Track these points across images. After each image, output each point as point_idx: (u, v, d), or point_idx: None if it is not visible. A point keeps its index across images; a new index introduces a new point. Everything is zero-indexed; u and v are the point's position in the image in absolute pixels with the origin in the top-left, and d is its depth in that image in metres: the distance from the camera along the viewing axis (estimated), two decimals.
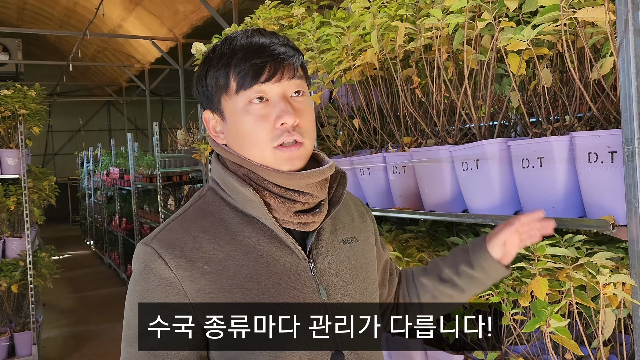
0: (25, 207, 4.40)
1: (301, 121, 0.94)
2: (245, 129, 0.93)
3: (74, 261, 9.95)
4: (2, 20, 13.25)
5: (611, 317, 1.27)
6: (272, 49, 0.92)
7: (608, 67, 1.24)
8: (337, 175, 1.02)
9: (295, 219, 0.95)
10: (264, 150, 0.93)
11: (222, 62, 0.93)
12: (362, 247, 1.07)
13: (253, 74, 0.91)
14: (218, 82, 0.95)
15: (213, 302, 0.89)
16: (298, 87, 0.95)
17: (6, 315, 4.52)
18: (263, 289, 0.91)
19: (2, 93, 4.25)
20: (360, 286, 1.02)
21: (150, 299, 0.90)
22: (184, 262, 0.90)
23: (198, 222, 0.95)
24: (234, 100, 0.94)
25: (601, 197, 1.19)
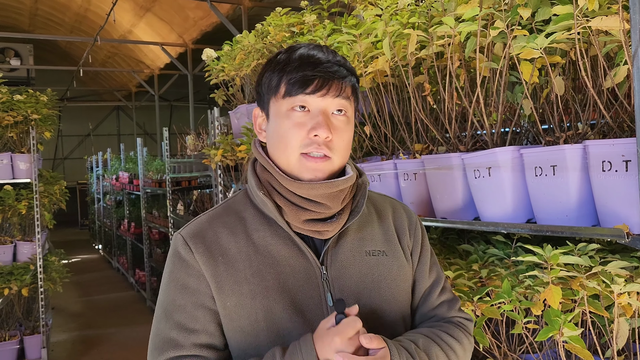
0: (36, 211, 4.44)
1: (335, 138, 0.98)
2: (281, 131, 0.99)
3: (83, 265, 10.00)
4: (14, 26, 13.40)
5: (625, 326, 1.26)
6: (325, 65, 0.98)
7: (622, 76, 1.23)
8: (362, 186, 1.05)
9: (307, 226, 0.99)
10: (291, 155, 0.98)
11: (279, 67, 1.00)
12: (390, 262, 1.06)
13: (301, 83, 0.97)
14: (271, 83, 1.02)
15: (224, 288, 0.97)
16: (340, 106, 0.99)
17: (16, 319, 4.56)
18: (268, 286, 0.97)
19: (15, 98, 4.29)
20: (379, 299, 1.02)
21: (175, 279, 1.00)
22: (203, 249, 1.00)
23: (222, 219, 1.05)
24: (280, 104, 1.00)
25: (615, 205, 1.18)
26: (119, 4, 8.07)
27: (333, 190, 0.98)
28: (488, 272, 1.57)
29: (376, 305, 1.02)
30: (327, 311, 0.98)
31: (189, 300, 0.98)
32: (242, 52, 2.86)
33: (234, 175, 3.27)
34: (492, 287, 1.50)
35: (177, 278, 1.00)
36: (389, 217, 1.12)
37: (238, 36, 2.96)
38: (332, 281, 0.99)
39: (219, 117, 3.56)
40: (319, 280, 0.99)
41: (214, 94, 3.32)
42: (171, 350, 0.96)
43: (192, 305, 0.98)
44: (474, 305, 1.45)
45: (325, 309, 0.98)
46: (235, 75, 3.03)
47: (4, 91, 4.26)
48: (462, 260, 1.75)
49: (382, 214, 1.11)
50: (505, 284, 1.39)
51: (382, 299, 1.03)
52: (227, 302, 0.97)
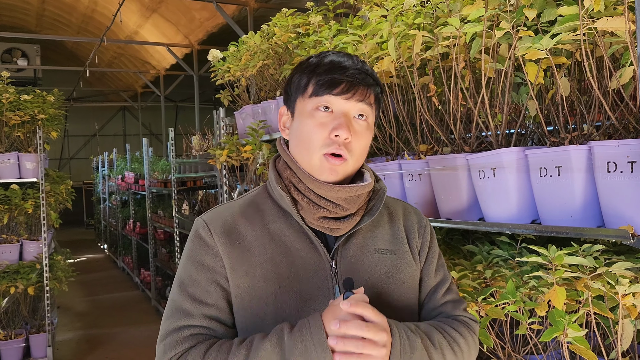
0: (43, 211, 4.46)
1: (354, 140, 1.03)
2: (304, 130, 1.04)
3: (88, 265, 10.04)
4: (22, 27, 13.49)
5: (630, 328, 1.26)
6: (353, 71, 1.03)
7: (628, 77, 1.23)
8: (379, 190, 1.10)
9: (320, 222, 1.04)
10: (314, 154, 1.03)
11: (310, 68, 1.06)
12: (399, 260, 1.10)
13: (329, 85, 1.02)
14: (300, 83, 1.07)
15: (238, 270, 1.02)
16: (362, 111, 1.04)
17: (22, 317, 4.58)
18: (280, 273, 1.02)
19: (22, 98, 4.32)
20: (387, 296, 1.06)
21: (194, 256, 1.06)
22: (222, 233, 1.05)
23: (242, 209, 1.10)
24: (305, 102, 1.05)
25: (620, 206, 1.18)
26: (125, 5, 8.11)
27: (351, 195, 1.03)
28: (492, 272, 1.57)
29: (383, 301, 1.05)
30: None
31: (203, 276, 1.03)
32: (248, 52, 2.87)
33: (239, 175, 3.28)
34: (497, 287, 1.50)
35: (195, 255, 1.05)
36: (400, 219, 1.16)
37: (244, 37, 2.97)
38: (341, 275, 1.04)
39: (224, 118, 3.57)
40: (328, 274, 1.03)
41: (220, 95, 3.34)
42: (182, 319, 1.01)
43: (207, 280, 1.03)
44: (478, 306, 1.45)
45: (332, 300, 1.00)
46: (240, 75, 3.04)
47: (11, 91, 4.29)
48: (467, 261, 1.75)
49: (393, 215, 1.16)
50: (509, 285, 1.39)
51: (390, 296, 1.06)
52: (241, 282, 1.02)
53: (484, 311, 1.44)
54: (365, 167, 1.12)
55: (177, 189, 5.68)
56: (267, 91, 2.98)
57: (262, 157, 2.74)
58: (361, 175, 1.11)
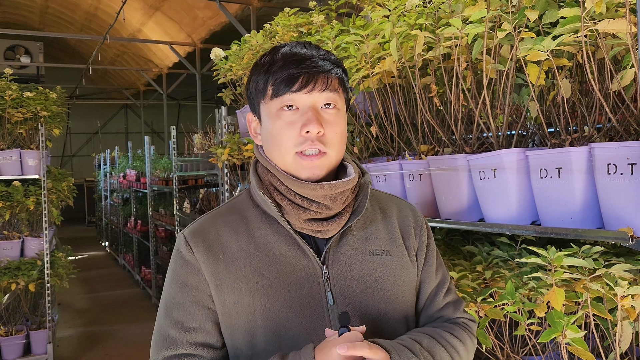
0: (44, 208, 4.47)
1: (327, 132, 0.98)
2: (273, 133, 1.00)
3: (89, 262, 10.05)
4: (25, 24, 13.51)
5: (629, 329, 1.26)
6: (310, 61, 0.98)
7: (629, 79, 1.23)
8: (364, 185, 1.05)
9: (307, 225, 0.99)
10: (286, 155, 0.98)
11: (264, 69, 1.01)
12: (394, 262, 1.05)
13: (287, 82, 0.97)
14: (258, 86, 1.02)
15: (223, 286, 0.98)
16: (329, 100, 0.99)
17: (23, 314, 4.59)
18: (268, 284, 0.98)
19: (25, 95, 4.33)
20: (382, 300, 1.02)
21: (177, 277, 1.02)
22: (203, 248, 1.01)
23: (225, 217, 1.06)
24: (269, 105, 1.01)
25: (620, 208, 1.18)
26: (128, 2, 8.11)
27: (334, 192, 0.98)
28: (492, 273, 1.58)
29: (379, 305, 1.01)
30: (328, 310, 0.98)
31: (187, 298, 1.00)
32: (250, 51, 2.87)
33: (241, 174, 3.29)
34: (496, 288, 1.50)
35: (178, 276, 1.02)
36: (394, 217, 1.11)
37: (246, 36, 2.97)
38: (333, 280, 0.99)
39: (226, 116, 3.58)
40: (319, 279, 0.99)
41: (222, 93, 3.34)
42: (168, 348, 0.98)
43: (190, 302, 1.00)
44: (478, 306, 1.46)
45: (325, 307, 0.98)
46: (243, 74, 3.04)
47: (14, 88, 4.30)
48: (466, 262, 1.75)
49: (386, 212, 1.11)
50: (509, 286, 1.39)
51: (385, 299, 1.02)
52: (226, 299, 0.98)
53: (483, 312, 1.45)
54: (348, 159, 1.07)
55: (179, 187, 5.69)
56: None
57: None
58: (345, 169, 1.06)
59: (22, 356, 4.35)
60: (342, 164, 1.06)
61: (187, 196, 5.84)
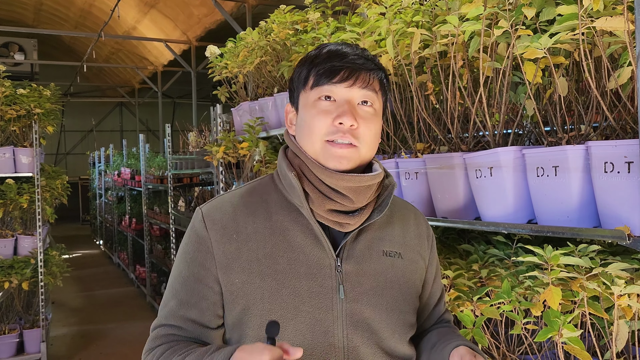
0: (38, 206, 4.44)
1: (361, 126, 0.99)
2: (307, 120, 1.01)
3: (83, 260, 10.01)
4: (19, 21, 13.42)
5: (625, 328, 1.26)
6: (352, 57, 1.00)
7: (626, 77, 1.23)
8: (389, 185, 1.07)
9: (330, 216, 1.00)
10: (316, 142, 1.00)
11: (310, 60, 1.04)
12: (404, 265, 1.08)
13: (328, 73, 0.99)
14: (300, 76, 1.05)
15: (233, 265, 0.99)
16: (367, 98, 1.01)
17: (16, 312, 4.56)
18: (279, 270, 0.99)
19: (19, 92, 4.30)
20: (390, 301, 1.03)
21: (187, 251, 1.04)
22: (218, 227, 1.02)
23: (244, 198, 1.07)
24: (308, 94, 1.03)
25: (617, 207, 1.18)
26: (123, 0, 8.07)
27: (360, 185, 0.99)
28: (488, 272, 1.57)
29: (387, 305, 1.03)
30: (337, 303, 0.98)
31: (192, 273, 1.02)
32: (246, 49, 2.86)
33: (236, 172, 3.27)
34: (492, 287, 1.50)
35: (188, 250, 1.04)
36: (411, 224, 1.14)
37: (242, 33, 2.96)
38: (345, 275, 1.00)
39: (221, 114, 3.56)
40: (332, 272, 1.00)
41: (217, 91, 3.33)
42: (164, 318, 1.03)
43: (195, 278, 1.01)
44: (474, 305, 1.45)
45: (335, 300, 0.98)
46: (238, 72, 3.03)
47: (8, 85, 4.26)
48: (462, 260, 1.74)
49: (404, 218, 1.13)
50: (505, 284, 1.39)
51: (394, 299, 1.04)
52: (236, 279, 0.99)
53: (479, 310, 1.44)
54: (375, 159, 1.08)
55: (174, 186, 5.67)
56: (264, 88, 2.97)
57: (258, 154, 2.73)
58: (371, 167, 1.07)
59: (15, 355, 4.33)
60: (369, 164, 1.08)
61: (182, 194, 5.82)
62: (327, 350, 0.97)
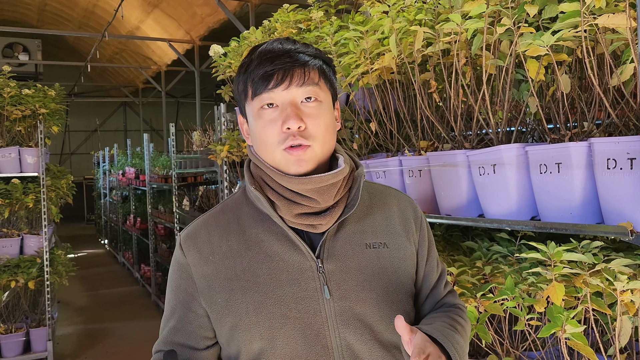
0: (43, 205, 4.47)
1: (310, 125, 0.97)
2: (258, 132, 1.00)
3: (89, 260, 10.06)
4: (23, 22, 13.47)
5: (628, 324, 1.26)
6: (284, 56, 0.96)
7: (628, 74, 1.23)
8: (357, 178, 1.04)
9: (300, 220, 0.98)
10: (274, 153, 0.98)
11: (243, 69, 1.01)
12: (391, 254, 1.05)
13: (262, 80, 0.97)
14: (239, 88, 1.03)
15: (214, 286, 1.00)
16: (309, 94, 0.98)
17: (22, 311, 4.59)
18: (259, 282, 0.98)
19: (24, 92, 4.32)
20: (379, 293, 1.01)
21: (173, 279, 1.07)
22: (195, 251, 1.04)
23: (217, 217, 1.07)
24: (251, 105, 1.01)
25: (619, 203, 1.18)
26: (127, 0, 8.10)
27: (322, 185, 0.97)
28: (491, 269, 1.58)
29: (377, 297, 1.01)
30: (324, 304, 0.97)
31: (180, 300, 1.04)
32: (249, 48, 2.86)
33: (240, 171, 3.29)
34: (496, 283, 1.50)
35: (173, 278, 1.07)
36: (393, 209, 1.10)
37: (245, 32, 2.97)
38: (328, 274, 0.98)
39: (225, 113, 3.57)
40: (314, 274, 0.98)
41: (221, 90, 3.34)
42: (161, 343, 1.06)
43: (183, 306, 1.04)
44: (477, 302, 1.46)
45: (321, 302, 0.98)
46: None
47: (13, 85, 4.29)
48: (466, 257, 1.75)
49: (385, 205, 1.10)
50: (508, 281, 1.40)
51: (384, 291, 1.01)
52: (218, 298, 1.00)
53: (482, 307, 1.45)
54: (341, 151, 1.05)
55: (178, 185, 5.69)
56: None
57: None
58: (337, 162, 1.04)
59: (22, 354, 4.36)
60: (334, 156, 1.06)
61: (187, 193, 5.83)
62: (320, 353, 0.96)
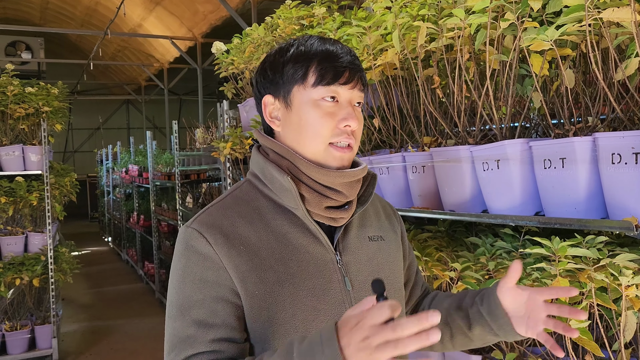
0: (47, 203, 4.48)
1: (357, 128, 1.02)
2: (309, 120, 1.00)
3: (92, 257, 10.09)
4: (26, 20, 13.49)
5: (633, 319, 1.26)
6: (350, 58, 1.02)
7: (633, 68, 1.23)
8: (368, 177, 1.10)
9: (326, 213, 1.01)
10: (320, 145, 1.00)
11: (304, 57, 1.01)
12: (388, 246, 1.13)
13: (334, 74, 0.99)
14: (296, 73, 1.01)
15: (249, 278, 0.95)
16: (360, 99, 1.04)
17: (27, 309, 4.61)
18: (292, 273, 0.98)
19: (27, 91, 4.33)
20: (387, 282, 1.08)
21: (191, 274, 0.96)
22: (223, 239, 0.97)
23: (235, 209, 1.03)
24: (308, 92, 1.00)
25: (624, 198, 1.18)
26: None
27: (353, 179, 1.02)
28: (496, 264, 1.58)
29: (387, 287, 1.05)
30: (347, 295, 1.01)
31: (207, 294, 0.95)
32: (252, 45, 2.87)
33: (243, 168, 3.29)
34: (500, 279, 1.50)
35: (192, 272, 0.96)
36: (378, 205, 1.19)
37: (248, 29, 2.96)
38: (346, 266, 1.03)
39: (228, 110, 3.57)
40: (335, 266, 1.02)
41: (224, 87, 3.34)
42: (189, 348, 0.93)
43: (212, 299, 0.95)
44: None
45: (344, 293, 1.01)
46: (244, 68, 3.04)
47: (16, 84, 4.30)
48: (470, 253, 1.75)
49: (372, 202, 1.17)
50: None
51: (387, 281, 1.09)
52: (255, 290, 0.95)
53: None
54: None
55: (181, 182, 5.70)
56: None
57: None
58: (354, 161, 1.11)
59: (27, 351, 4.38)
60: None
61: (190, 191, 5.84)
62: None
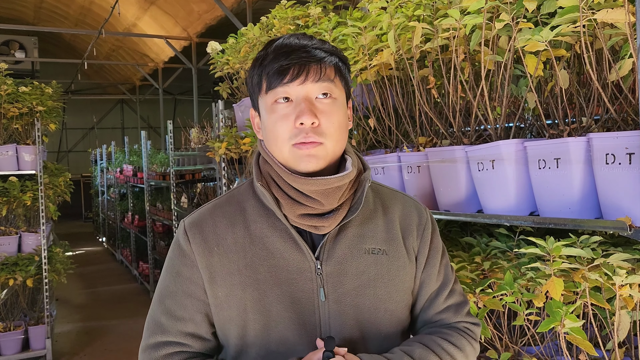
0: (41, 203, 4.46)
1: (323, 122, 0.96)
2: (269, 126, 0.99)
3: (87, 257, 10.05)
4: (19, 19, 13.42)
5: (626, 319, 1.27)
6: (301, 51, 0.96)
7: (627, 69, 1.24)
8: (363, 182, 1.02)
9: (303, 220, 0.98)
10: (283, 147, 0.97)
11: (258, 63, 1.00)
12: (389, 261, 1.03)
13: (278, 74, 0.96)
14: (253, 81, 1.02)
15: (216, 278, 1.00)
16: (324, 90, 0.97)
17: (21, 309, 4.59)
18: (260, 279, 0.98)
19: (20, 90, 4.31)
20: (373, 299, 1.00)
21: (172, 266, 1.04)
22: (200, 239, 1.02)
23: (224, 208, 1.06)
24: (265, 99, 1.00)
25: (618, 198, 1.19)
26: None
27: (327, 187, 0.95)
28: (490, 264, 1.58)
29: (370, 304, 1.00)
30: (319, 306, 0.98)
31: (180, 288, 1.01)
32: (247, 44, 2.86)
33: (238, 168, 3.28)
34: (495, 279, 1.51)
35: (173, 265, 1.04)
36: (395, 214, 1.08)
37: (243, 29, 2.96)
38: (326, 277, 0.98)
39: (223, 110, 3.57)
40: (312, 275, 0.98)
41: (219, 87, 3.33)
42: (159, 334, 1.01)
43: (183, 293, 1.01)
44: (476, 297, 1.46)
45: (316, 303, 0.98)
46: (239, 68, 3.03)
47: (9, 83, 4.27)
48: (465, 253, 1.75)
49: (388, 210, 1.08)
50: (507, 276, 1.40)
51: (377, 298, 1.01)
52: (219, 292, 0.99)
53: (481, 302, 1.45)
54: (350, 152, 1.03)
55: (176, 182, 5.68)
56: None
57: None
58: (345, 163, 1.02)
59: (20, 351, 4.35)
60: (343, 157, 1.04)
61: (185, 191, 5.83)
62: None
